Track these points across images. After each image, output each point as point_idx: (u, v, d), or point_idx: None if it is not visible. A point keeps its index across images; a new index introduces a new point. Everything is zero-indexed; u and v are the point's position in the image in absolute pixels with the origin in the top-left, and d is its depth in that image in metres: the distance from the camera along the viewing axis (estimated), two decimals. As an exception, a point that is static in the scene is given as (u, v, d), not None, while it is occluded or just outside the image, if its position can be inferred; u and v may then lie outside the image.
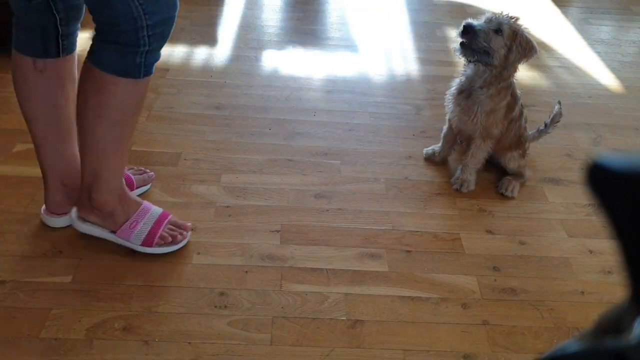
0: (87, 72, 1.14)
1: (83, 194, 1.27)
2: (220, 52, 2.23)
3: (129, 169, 1.48)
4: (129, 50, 1.09)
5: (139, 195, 1.44)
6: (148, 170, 1.53)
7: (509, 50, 1.45)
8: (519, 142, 1.64)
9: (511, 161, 1.64)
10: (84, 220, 1.31)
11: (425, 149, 1.75)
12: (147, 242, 1.31)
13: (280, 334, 1.19)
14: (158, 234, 1.31)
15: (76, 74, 1.27)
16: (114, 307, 1.21)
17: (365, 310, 1.25)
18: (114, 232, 1.31)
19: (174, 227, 1.35)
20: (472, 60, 1.49)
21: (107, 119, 1.16)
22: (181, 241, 1.34)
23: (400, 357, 1.16)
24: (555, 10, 2.87)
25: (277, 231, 1.44)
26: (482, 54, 1.46)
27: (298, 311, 1.24)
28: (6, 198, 1.44)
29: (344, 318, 1.23)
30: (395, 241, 1.44)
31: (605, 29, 2.75)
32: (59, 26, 1.19)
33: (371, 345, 1.18)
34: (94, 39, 1.12)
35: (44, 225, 1.37)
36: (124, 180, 1.30)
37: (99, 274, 1.28)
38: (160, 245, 1.32)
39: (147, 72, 1.14)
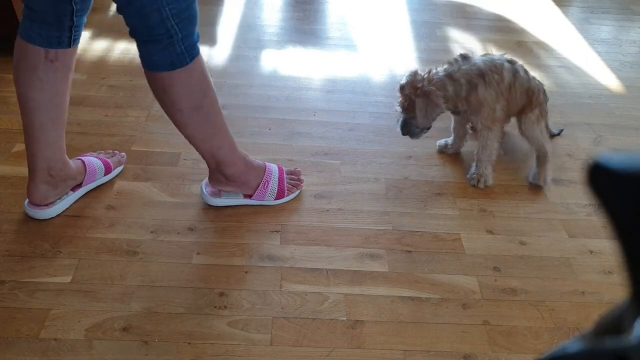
0: (149, 79, 1.23)
1: (216, 174, 1.42)
2: (220, 51, 2.22)
3: (99, 153, 1.55)
4: (165, 43, 1.15)
5: (116, 177, 1.54)
6: (117, 152, 1.59)
7: (425, 107, 1.50)
8: (530, 100, 1.59)
9: (529, 127, 1.61)
10: (220, 193, 1.47)
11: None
12: (279, 195, 1.50)
13: (280, 334, 1.19)
14: (285, 187, 1.50)
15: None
16: (114, 307, 1.21)
17: (365, 311, 1.25)
18: (249, 196, 1.47)
19: (292, 177, 1.54)
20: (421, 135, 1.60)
21: (187, 110, 1.25)
22: (300, 188, 1.55)
23: (401, 357, 1.16)
24: (555, 10, 2.87)
25: (277, 231, 1.44)
26: (423, 130, 1.58)
27: (298, 311, 1.24)
28: (6, 198, 1.44)
29: (344, 318, 1.23)
30: (395, 241, 1.44)
31: (605, 29, 2.75)
32: (74, 17, 1.22)
33: (371, 345, 1.18)
34: (138, 46, 1.19)
35: (43, 225, 1.37)
36: (238, 148, 1.42)
37: (98, 274, 1.28)
38: (288, 195, 1.51)
39: (193, 55, 1.20)
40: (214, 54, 2.20)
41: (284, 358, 1.14)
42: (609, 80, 2.27)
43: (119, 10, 1.15)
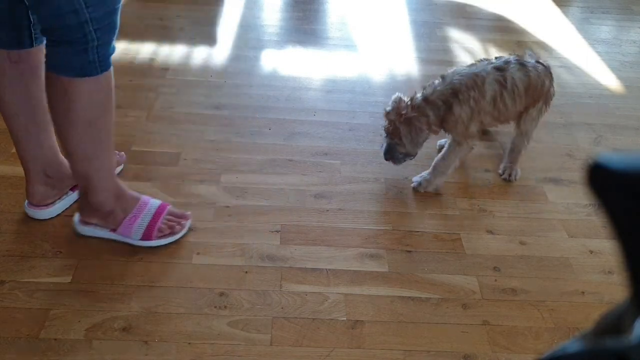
0: (49, 81, 1.14)
1: (81, 198, 1.30)
2: (220, 51, 2.22)
3: None
4: (79, 48, 1.08)
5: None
6: (117, 152, 1.56)
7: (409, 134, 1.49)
8: (532, 98, 1.55)
9: (528, 123, 1.60)
10: (86, 223, 1.32)
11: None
12: (146, 235, 1.32)
13: (280, 334, 1.19)
14: (156, 227, 1.32)
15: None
16: (114, 307, 1.21)
17: (365, 311, 1.25)
18: (114, 230, 1.32)
19: (172, 218, 1.36)
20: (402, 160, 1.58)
21: (80, 123, 1.16)
22: (179, 231, 1.36)
23: (401, 357, 1.16)
24: (555, 10, 2.87)
25: (277, 231, 1.43)
26: (406, 157, 1.56)
27: (298, 311, 1.24)
28: (5, 198, 1.44)
29: (344, 318, 1.23)
30: (395, 241, 1.44)
31: (605, 29, 2.75)
32: (30, 15, 1.18)
33: (371, 345, 1.18)
34: (47, 46, 1.12)
35: (43, 225, 1.37)
36: (116, 177, 1.31)
37: (98, 274, 1.28)
38: (159, 238, 1.32)
39: (105, 66, 1.13)
40: (214, 54, 2.20)
41: (284, 358, 1.14)
42: (609, 80, 2.27)
43: (31, 9, 1.08)
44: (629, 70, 2.36)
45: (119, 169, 1.55)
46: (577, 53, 2.45)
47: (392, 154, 1.55)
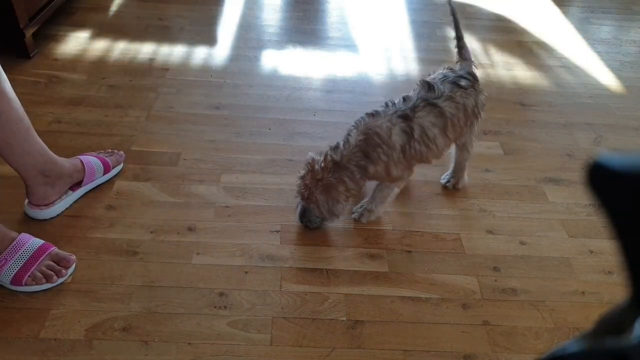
0: None
1: None
2: (220, 51, 2.22)
3: (99, 153, 1.54)
4: None
5: (115, 177, 1.52)
6: (116, 151, 1.58)
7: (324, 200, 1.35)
8: (461, 126, 1.41)
9: (462, 137, 1.49)
10: None
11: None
12: (16, 280, 1.20)
13: (280, 334, 1.19)
14: (30, 272, 1.21)
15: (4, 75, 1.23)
16: (114, 307, 1.21)
17: (365, 311, 1.25)
18: None
19: (52, 265, 1.24)
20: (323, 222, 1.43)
21: None
22: (57, 281, 1.23)
23: (401, 357, 1.16)
24: (555, 10, 2.87)
25: (277, 231, 1.43)
26: (323, 221, 1.42)
27: (298, 311, 1.24)
28: (5, 198, 1.44)
29: (344, 318, 1.23)
30: (395, 241, 1.44)
31: (605, 29, 2.74)
32: None
33: (371, 345, 1.18)
34: None
35: (43, 225, 1.37)
36: None
37: (98, 274, 1.28)
38: (31, 285, 1.21)
39: None
40: (214, 54, 2.20)
41: (284, 358, 1.14)
42: (609, 80, 2.27)
43: None
44: (629, 70, 2.36)
45: (118, 168, 1.56)
46: (577, 53, 2.45)
47: (309, 217, 1.40)
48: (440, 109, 1.36)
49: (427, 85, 1.38)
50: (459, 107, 1.39)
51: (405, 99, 1.38)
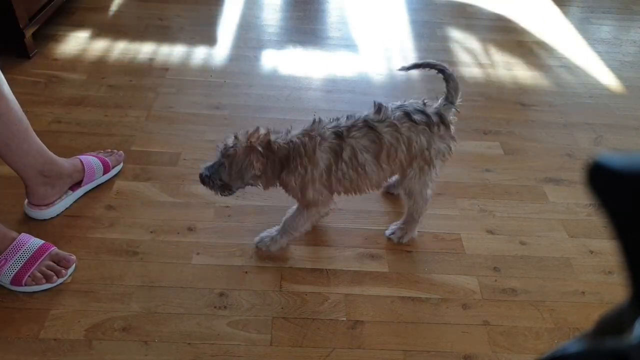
0: None
1: None
2: (220, 51, 2.22)
3: (98, 153, 1.54)
4: None
5: (115, 177, 1.52)
6: (115, 151, 1.58)
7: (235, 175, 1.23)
8: (403, 161, 1.27)
9: (407, 182, 1.33)
10: None
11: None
12: (16, 280, 1.20)
13: (280, 334, 1.18)
14: (29, 272, 1.21)
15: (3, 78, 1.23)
16: (113, 307, 1.21)
17: (365, 311, 1.25)
18: None
19: (53, 264, 1.24)
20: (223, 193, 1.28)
21: None
22: (57, 281, 1.23)
23: (401, 357, 1.16)
24: (555, 10, 2.87)
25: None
26: (223, 188, 1.27)
27: (298, 311, 1.24)
28: (5, 198, 1.44)
29: (344, 318, 1.23)
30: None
31: (605, 29, 2.74)
32: None
33: (371, 345, 1.18)
34: None
35: (43, 225, 1.37)
36: None
37: (98, 274, 1.28)
38: (31, 285, 1.21)
39: None
40: (214, 54, 2.20)
41: (283, 358, 1.14)
42: (609, 80, 2.27)
43: None
44: (629, 70, 2.36)
45: (118, 168, 1.56)
46: (577, 53, 2.45)
47: (213, 174, 1.24)
48: (378, 134, 1.22)
49: (378, 107, 1.26)
50: (401, 139, 1.24)
51: (348, 117, 1.27)
